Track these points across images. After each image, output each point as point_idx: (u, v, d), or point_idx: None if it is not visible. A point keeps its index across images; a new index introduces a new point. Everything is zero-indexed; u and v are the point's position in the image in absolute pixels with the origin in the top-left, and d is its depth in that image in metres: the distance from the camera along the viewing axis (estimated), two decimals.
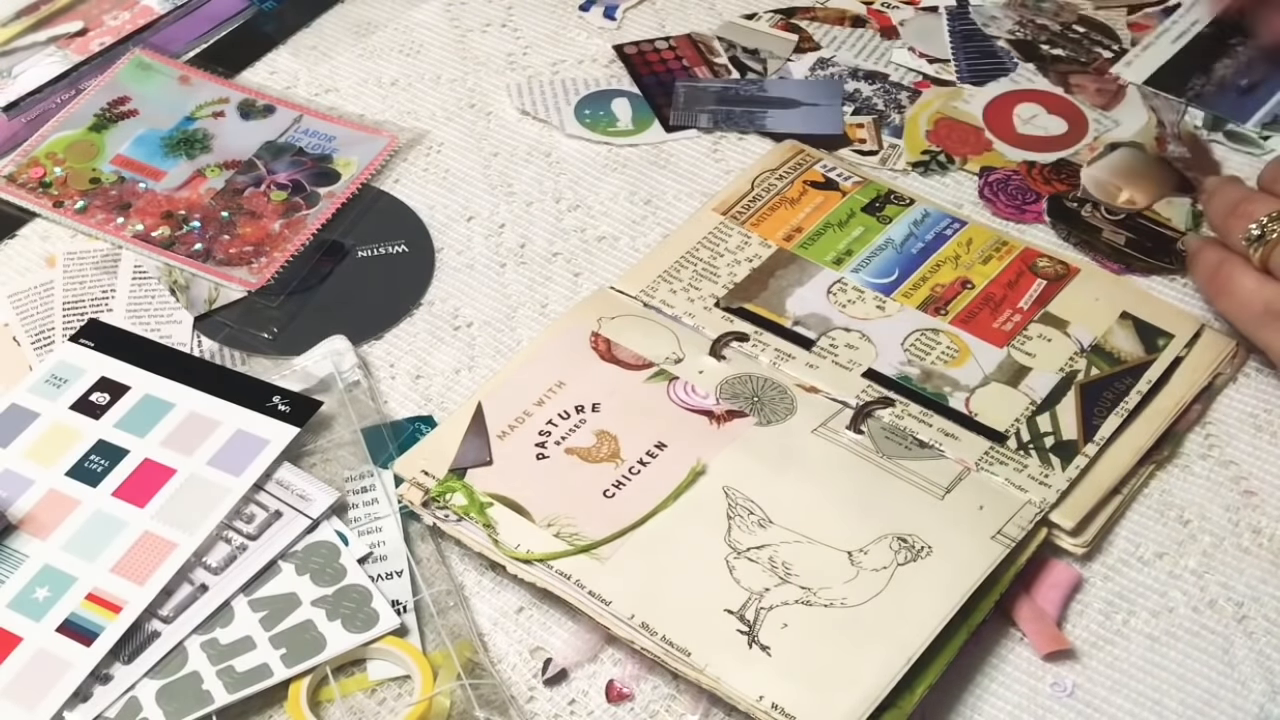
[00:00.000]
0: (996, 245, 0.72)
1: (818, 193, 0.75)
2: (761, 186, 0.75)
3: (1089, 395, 0.65)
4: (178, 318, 0.71)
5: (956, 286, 0.70)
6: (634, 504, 0.61)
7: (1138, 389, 0.65)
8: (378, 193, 0.77)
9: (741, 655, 0.56)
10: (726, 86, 0.81)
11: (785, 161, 0.77)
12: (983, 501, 0.60)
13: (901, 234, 0.73)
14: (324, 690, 0.57)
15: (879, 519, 0.60)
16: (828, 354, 0.67)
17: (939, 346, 0.67)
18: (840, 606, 0.57)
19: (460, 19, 0.88)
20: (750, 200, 0.74)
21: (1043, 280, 0.70)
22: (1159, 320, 0.68)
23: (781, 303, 0.69)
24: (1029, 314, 0.69)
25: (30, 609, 0.58)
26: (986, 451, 0.63)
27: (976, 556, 0.58)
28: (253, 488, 0.62)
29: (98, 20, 0.87)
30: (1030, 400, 0.65)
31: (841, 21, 0.86)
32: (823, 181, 0.75)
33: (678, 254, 0.72)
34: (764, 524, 0.60)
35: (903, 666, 0.55)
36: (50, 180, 0.78)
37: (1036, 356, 0.67)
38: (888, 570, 0.58)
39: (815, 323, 0.68)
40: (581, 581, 0.58)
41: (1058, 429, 0.64)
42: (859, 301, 0.69)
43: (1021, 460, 0.62)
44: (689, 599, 0.58)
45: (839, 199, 0.74)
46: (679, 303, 0.69)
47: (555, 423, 0.64)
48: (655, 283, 0.70)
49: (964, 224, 0.73)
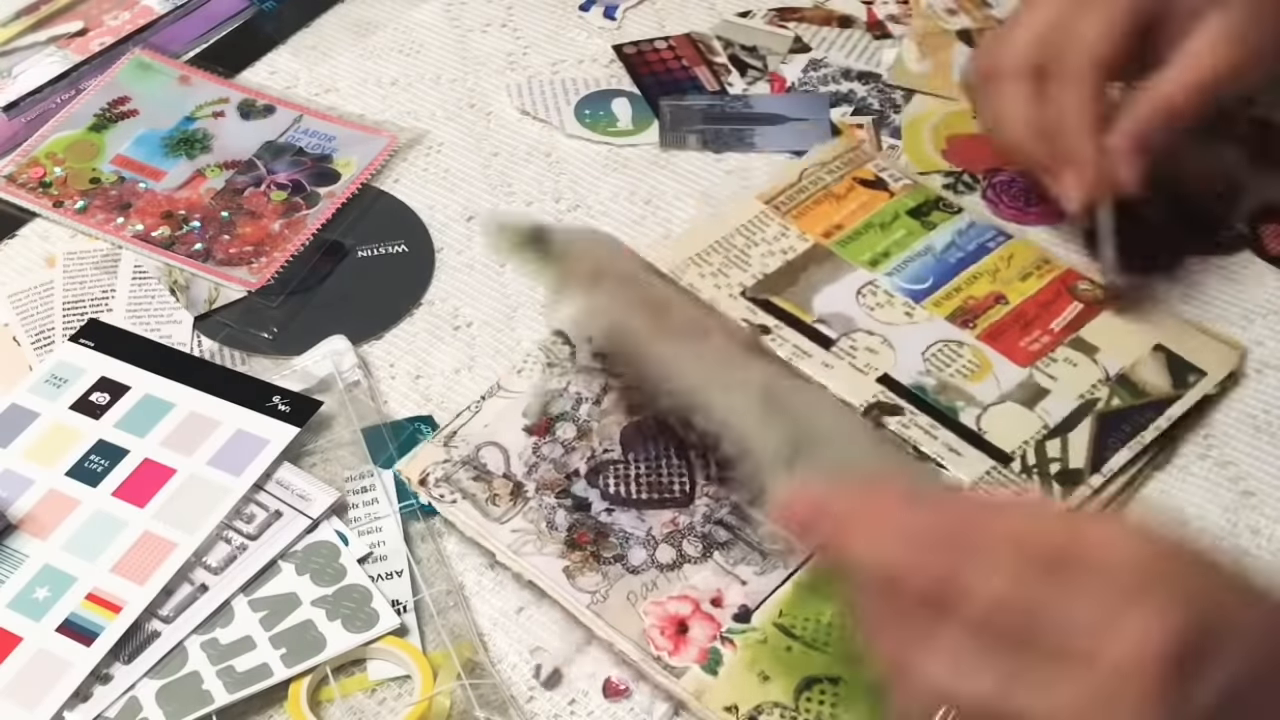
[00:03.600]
0: (1039, 263, 0.71)
1: (865, 191, 0.74)
2: (810, 178, 0.74)
3: (1106, 425, 0.63)
4: (178, 318, 0.71)
5: (990, 300, 0.69)
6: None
7: (1156, 424, 0.63)
8: (378, 193, 0.77)
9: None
10: (712, 104, 0.81)
11: (839, 155, 0.76)
12: None
13: (944, 241, 0.72)
14: (324, 690, 0.57)
15: None
16: (845, 355, 0.66)
17: (960, 359, 0.66)
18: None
19: (460, 19, 0.88)
20: (796, 191, 0.74)
21: (1080, 304, 0.69)
22: (1194, 356, 0.66)
23: (808, 299, 0.69)
24: (1059, 336, 0.67)
25: (30, 609, 0.58)
26: (988, 471, 0.62)
27: None
28: (253, 488, 0.62)
29: (98, 20, 0.87)
30: (1043, 424, 0.64)
31: (829, 22, 0.86)
32: (873, 180, 0.75)
33: (713, 238, 0.71)
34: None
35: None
36: (50, 180, 0.78)
37: (1058, 380, 0.65)
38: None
39: (838, 322, 0.68)
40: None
41: (1066, 456, 0.62)
42: (887, 306, 0.69)
43: (1023, 484, 0.62)
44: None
45: (886, 199, 0.74)
46: (705, 288, 0.69)
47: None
48: (685, 264, 0.70)
49: (1009, 237, 0.72)
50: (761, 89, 0.82)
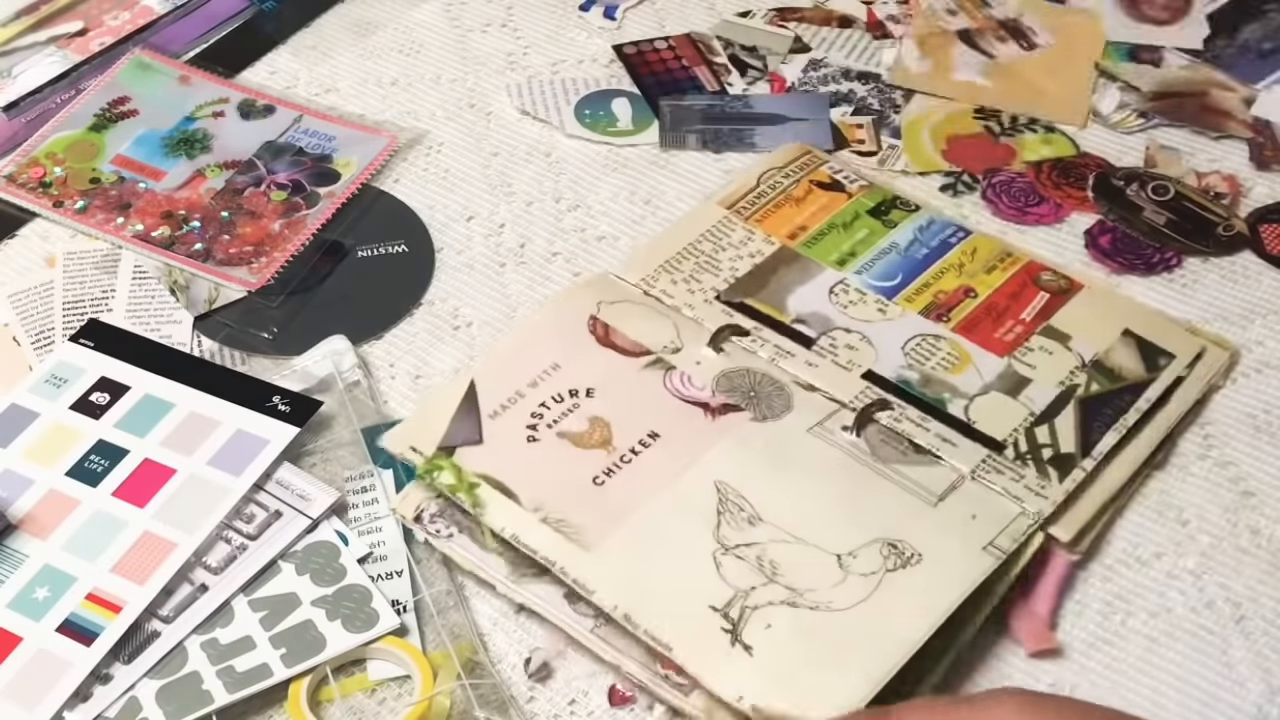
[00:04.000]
0: (1001, 256, 0.72)
1: (823, 193, 0.75)
2: (767, 183, 0.75)
3: (1089, 410, 0.65)
4: (178, 318, 0.71)
5: (959, 294, 0.70)
6: (623, 493, 0.60)
7: (1137, 406, 0.65)
8: (378, 192, 0.77)
9: (724, 653, 0.55)
10: (712, 104, 0.81)
11: (792, 160, 0.77)
12: (976, 511, 0.60)
13: (906, 239, 0.73)
14: (324, 690, 0.57)
15: (870, 523, 0.59)
16: (827, 353, 0.67)
17: (940, 352, 0.67)
18: (826, 610, 0.57)
19: (460, 19, 0.88)
20: (755, 196, 0.74)
21: (1046, 294, 0.70)
22: (1161, 340, 0.68)
23: (782, 300, 0.69)
24: (1031, 326, 0.68)
25: (30, 609, 0.58)
26: (984, 460, 0.62)
27: (966, 567, 0.58)
28: (253, 488, 0.62)
29: (98, 20, 0.87)
30: (1029, 411, 0.65)
31: (829, 22, 0.86)
32: (829, 182, 0.75)
33: (679, 245, 0.72)
34: (754, 521, 0.60)
35: (883, 678, 0.54)
36: (50, 180, 0.78)
37: (1037, 369, 0.66)
38: (876, 575, 0.58)
39: (816, 321, 0.68)
40: (566, 569, 0.58)
41: (1056, 441, 0.63)
42: (860, 303, 0.69)
43: (1019, 470, 0.62)
44: (674, 593, 0.57)
45: (845, 200, 0.74)
46: (679, 294, 0.69)
47: (548, 405, 0.64)
48: (656, 272, 0.70)
49: (969, 233, 0.73)
50: (762, 89, 0.82)
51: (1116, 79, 0.82)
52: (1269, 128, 0.79)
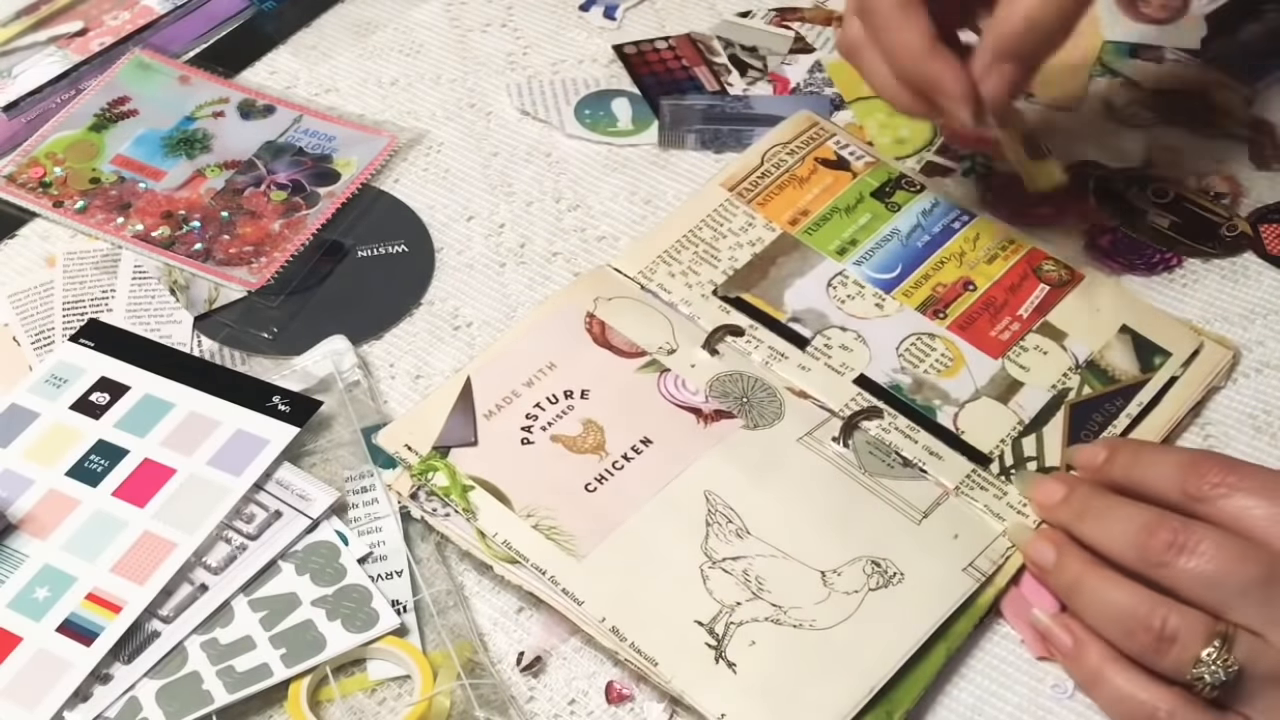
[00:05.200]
0: (1004, 243, 0.71)
1: (828, 172, 0.74)
2: (772, 161, 0.74)
3: (1078, 417, 0.64)
4: (178, 318, 0.71)
5: (958, 288, 0.69)
6: (615, 501, 0.60)
7: (1127, 412, 0.65)
8: (378, 192, 0.77)
9: (708, 670, 0.56)
10: (712, 104, 0.81)
11: (799, 134, 0.76)
12: (958, 530, 0.60)
13: (909, 225, 0.72)
14: (324, 690, 0.57)
15: (855, 540, 0.59)
16: (821, 355, 0.66)
17: (933, 354, 0.67)
18: (809, 628, 0.57)
19: (460, 19, 0.88)
20: (759, 176, 0.74)
21: (1046, 285, 0.69)
22: (1158, 336, 0.67)
23: (780, 295, 0.69)
24: (1028, 323, 0.68)
25: (30, 609, 0.58)
26: (968, 475, 0.62)
27: (947, 588, 0.58)
28: (253, 488, 0.62)
29: (98, 20, 0.87)
30: (1019, 419, 0.64)
31: (830, 22, 0.86)
32: (834, 160, 0.75)
33: (680, 232, 0.71)
34: (741, 534, 0.59)
35: (865, 696, 0.55)
36: (50, 180, 0.78)
37: (1030, 371, 0.66)
38: (859, 594, 0.58)
39: (812, 319, 0.68)
40: (556, 579, 0.58)
41: (1042, 454, 0.63)
42: (858, 297, 0.69)
43: (1002, 487, 0.62)
44: (661, 607, 0.57)
45: (849, 180, 0.74)
46: (677, 288, 0.69)
47: (543, 406, 0.64)
48: (655, 264, 0.70)
49: (973, 216, 0.72)
50: (762, 89, 0.82)
51: (1118, 74, 0.82)
52: (1269, 127, 0.79)
